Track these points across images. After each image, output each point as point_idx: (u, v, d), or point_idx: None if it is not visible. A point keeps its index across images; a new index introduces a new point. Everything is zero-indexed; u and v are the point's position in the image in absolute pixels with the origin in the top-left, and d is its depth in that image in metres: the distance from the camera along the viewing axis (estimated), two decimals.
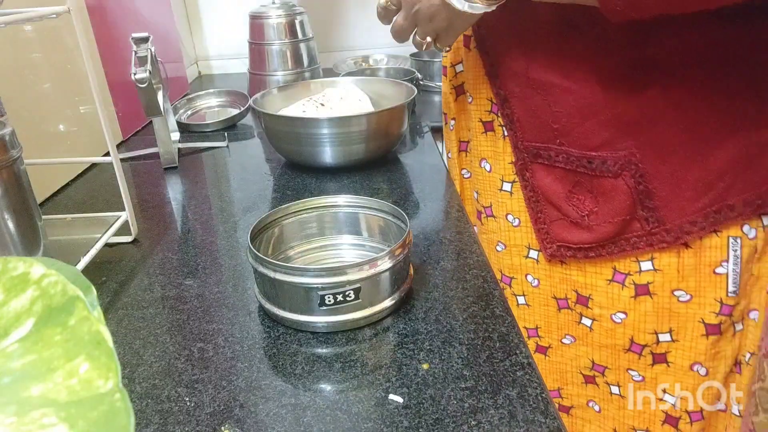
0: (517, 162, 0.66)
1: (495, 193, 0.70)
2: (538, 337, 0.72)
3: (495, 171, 0.70)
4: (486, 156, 0.71)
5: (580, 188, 0.61)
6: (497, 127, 0.68)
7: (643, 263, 0.60)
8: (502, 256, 0.71)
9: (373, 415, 0.41)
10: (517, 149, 0.65)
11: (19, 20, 0.56)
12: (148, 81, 0.86)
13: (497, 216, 0.71)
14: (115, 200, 0.71)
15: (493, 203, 0.71)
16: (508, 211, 0.69)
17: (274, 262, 0.50)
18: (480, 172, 0.73)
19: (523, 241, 0.68)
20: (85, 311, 0.23)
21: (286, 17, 1.21)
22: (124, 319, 0.55)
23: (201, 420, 0.42)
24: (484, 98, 0.69)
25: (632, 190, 0.57)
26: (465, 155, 0.79)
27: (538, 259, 0.67)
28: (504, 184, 0.69)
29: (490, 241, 0.73)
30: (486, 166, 0.72)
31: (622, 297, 0.62)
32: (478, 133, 0.72)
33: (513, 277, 0.71)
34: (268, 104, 0.96)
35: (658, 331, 0.61)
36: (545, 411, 0.41)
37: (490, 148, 0.70)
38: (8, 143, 0.54)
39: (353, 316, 0.50)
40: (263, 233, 0.59)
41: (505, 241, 0.70)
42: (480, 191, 0.74)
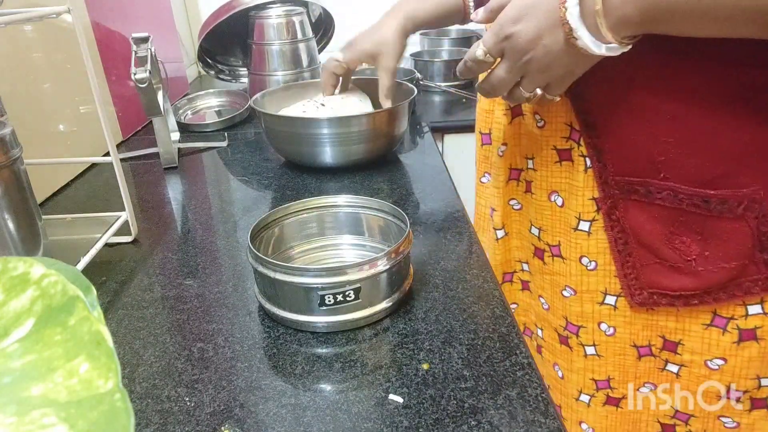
0: (603, 198, 0.57)
1: (567, 232, 0.62)
2: (609, 389, 0.65)
3: (569, 207, 0.61)
4: (558, 189, 0.62)
5: (684, 229, 0.53)
6: (577, 157, 0.59)
7: (750, 307, 0.54)
8: (570, 302, 0.64)
9: (373, 415, 0.41)
10: (605, 184, 0.57)
11: (19, 20, 0.56)
12: (148, 81, 0.86)
13: (567, 258, 0.63)
14: (115, 200, 0.71)
15: (562, 241, 0.63)
16: (583, 254, 0.61)
17: (274, 262, 0.50)
18: (547, 207, 0.64)
19: (598, 286, 0.61)
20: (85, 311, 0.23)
21: (286, 17, 1.21)
22: (124, 319, 0.55)
23: (201, 420, 0.42)
24: (561, 123, 0.59)
25: (754, 232, 0.51)
26: (516, 185, 0.69)
27: (616, 305, 0.60)
28: (581, 223, 0.60)
29: (555, 283, 0.65)
30: (557, 200, 0.62)
31: (722, 342, 0.56)
32: (548, 162, 0.62)
33: (582, 325, 0.63)
34: (268, 104, 0.96)
35: (761, 376, 0.56)
36: (545, 411, 0.41)
37: (565, 180, 0.61)
38: (8, 143, 0.54)
39: (353, 316, 0.50)
40: (263, 233, 0.59)
41: (575, 286, 0.62)
42: (545, 227, 0.65)
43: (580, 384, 0.66)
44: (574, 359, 0.66)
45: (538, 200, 0.65)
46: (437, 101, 1.33)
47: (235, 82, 1.44)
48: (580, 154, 0.58)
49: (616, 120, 0.55)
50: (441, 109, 1.28)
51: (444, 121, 1.21)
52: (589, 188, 0.58)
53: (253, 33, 1.23)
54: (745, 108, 0.49)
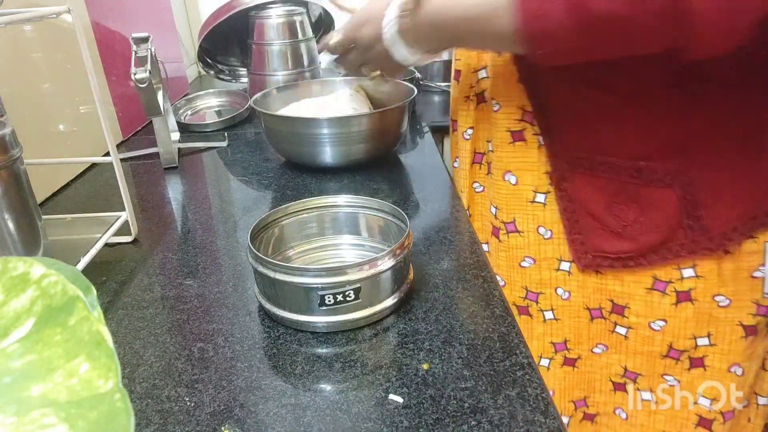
0: (553, 172, 0.64)
1: (523, 206, 0.68)
2: (566, 350, 0.70)
3: (524, 183, 0.67)
4: (512, 168, 0.68)
5: (622, 198, 0.60)
6: (531, 136, 0.66)
7: (684, 270, 0.60)
8: (530, 271, 0.69)
9: (373, 415, 0.41)
10: (555, 158, 0.64)
11: (19, 20, 0.56)
12: (148, 81, 0.86)
13: (524, 230, 0.68)
14: (115, 200, 0.71)
15: (518, 217, 0.69)
16: (540, 224, 0.67)
17: (274, 262, 0.50)
18: (502, 186, 0.69)
19: (554, 253, 0.67)
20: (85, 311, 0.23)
21: (286, 17, 1.21)
22: (124, 319, 0.55)
23: (201, 420, 0.42)
24: (515, 106, 0.66)
25: (680, 200, 0.57)
26: (479, 167, 0.76)
27: (570, 270, 0.66)
28: (537, 196, 0.66)
29: (512, 257, 0.71)
30: (511, 178, 0.68)
31: (663, 305, 0.62)
32: (503, 143, 0.68)
33: (541, 292, 0.69)
34: (268, 104, 0.96)
35: (696, 336, 0.61)
36: (545, 411, 0.41)
37: (518, 159, 0.67)
38: (8, 143, 0.54)
39: (353, 316, 0.50)
40: (263, 233, 0.59)
41: (534, 255, 0.68)
42: (500, 206, 0.70)
43: (540, 349, 0.72)
44: (534, 326, 0.71)
45: (494, 180, 0.71)
46: (437, 101, 1.33)
47: (235, 82, 1.44)
48: (534, 132, 0.65)
49: (563, 103, 0.62)
50: (441, 109, 1.28)
51: (444, 121, 1.20)
52: (542, 163, 0.65)
53: (253, 33, 1.23)
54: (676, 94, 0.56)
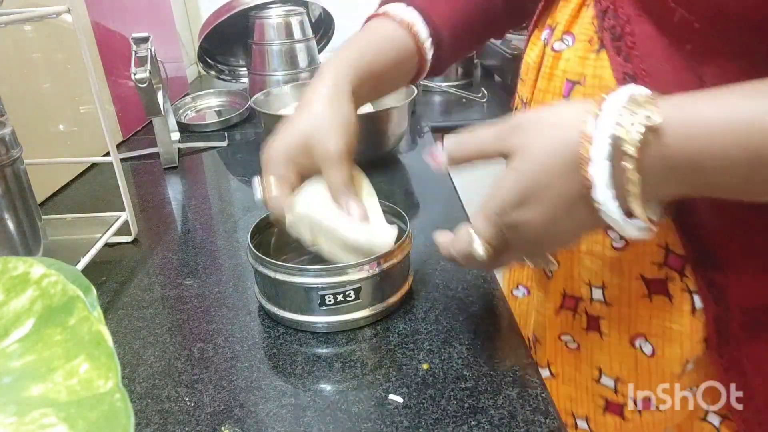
0: (717, 345, 0.45)
1: (665, 380, 0.49)
2: None
3: (664, 356, 0.47)
4: (647, 332, 0.48)
5: None
6: (679, 292, 0.45)
7: None
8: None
9: (373, 415, 0.41)
10: (723, 329, 0.44)
11: (19, 20, 0.56)
12: (148, 81, 0.86)
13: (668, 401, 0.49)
14: (115, 200, 0.71)
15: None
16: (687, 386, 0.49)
17: (274, 262, 0.50)
18: (631, 354, 0.49)
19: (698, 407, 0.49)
20: (85, 311, 0.23)
21: (286, 17, 1.21)
22: (124, 319, 0.55)
23: (201, 420, 0.42)
24: (653, 243, 0.45)
25: None
26: (572, 316, 0.53)
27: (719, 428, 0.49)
28: (688, 365, 0.47)
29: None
30: (645, 347, 0.48)
31: None
32: (632, 296, 0.47)
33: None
34: (268, 104, 0.96)
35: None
36: (545, 411, 0.41)
37: (656, 321, 0.47)
38: (8, 143, 0.54)
39: (353, 316, 0.50)
40: (263, 233, 0.59)
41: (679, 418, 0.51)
42: (627, 378, 0.50)
43: None
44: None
45: (612, 344, 0.50)
46: (437, 101, 1.33)
47: (235, 82, 1.43)
48: (684, 288, 0.45)
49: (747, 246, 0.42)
50: (441, 109, 1.28)
51: (444, 121, 1.21)
52: (697, 332, 0.45)
53: (253, 33, 1.23)
54: None
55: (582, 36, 0.46)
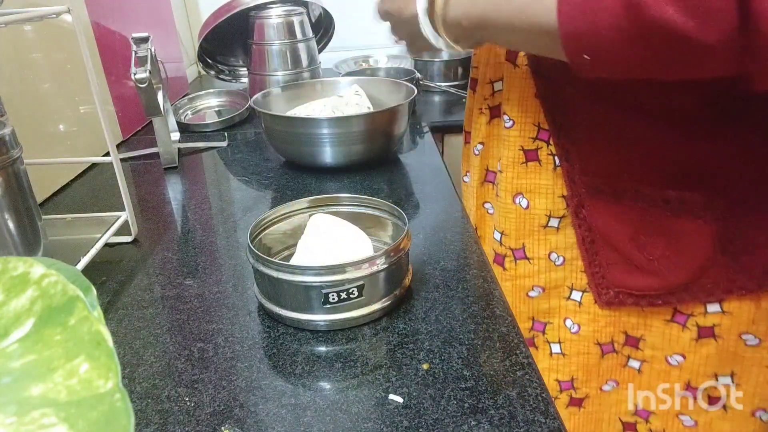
0: (571, 197, 0.58)
1: (534, 231, 0.62)
2: (573, 389, 0.65)
3: (536, 207, 0.62)
4: (523, 190, 0.62)
5: (648, 229, 0.54)
6: (545, 156, 0.60)
7: (709, 305, 0.55)
8: (538, 301, 0.64)
9: (373, 415, 0.41)
10: (573, 183, 0.58)
11: (19, 20, 0.56)
12: (148, 81, 0.86)
13: (533, 257, 0.63)
14: (115, 200, 0.71)
15: (527, 243, 0.63)
16: (552, 249, 0.62)
17: (275, 261, 0.50)
18: (512, 209, 0.63)
19: (565, 281, 0.62)
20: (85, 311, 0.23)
21: (286, 17, 1.21)
22: (124, 319, 0.55)
23: (201, 420, 0.42)
24: (530, 123, 0.60)
25: (714, 234, 0.52)
26: (491, 187, 0.69)
27: (581, 301, 0.61)
28: (551, 220, 0.61)
29: (519, 287, 0.65)
30: (522, 201, 0.62)
31: (682, 339, 0.57)
32: (515, 162, 0.62)
33: (548, 322, 0.64)
34: (268, 104, 0.96)
35: (718, 374, 0.57)
36: (545, 411, 0.41)
37: (530, 180, 0.61)
38: (8, 143, 0.54)
39: (353, 314, 0.50)
40: (263, 232, 0.59)
41: (544, 283, 0.63)
42: (508, 231, 0.65)
43: None
44: (539, 359, 0.66)
45: (503, 203, 0.65)
46: (437, 101, 1.33)
47: (235, 82, 1.44)
48: (549, 152, 0.60)
49: (584, 122, 0.56)
50: (441, 109, 1.28)
51: (444, 121, 1.21)
52: (558, 186, 0.60)
53: (253, 33, 1.23)
54: (708, 115, 0.51)
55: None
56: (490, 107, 0.67)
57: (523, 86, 0.60)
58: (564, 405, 0.66)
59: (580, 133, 0.57)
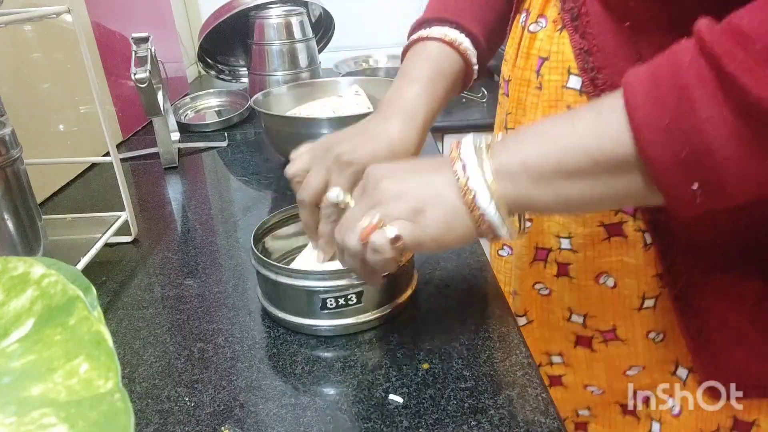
0: (671, 281, 0.50)
1: (624, 314, 0.55)
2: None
3: (624, 287, 0.53)
4: (608, 269, 0.54)
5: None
6: (632, 232, 0.51)
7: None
8: (639, 377, 0.57)
9: (373, 415, 0.41)
10: (672, 264, 0.50)
11: (19, 20, 0.56)
12: (148, 81, 0.86)
13: (629, 338, 0.55)
14: (115, 200, 0.71)
15: (619, 325, 0.56)
16: (650, 329, 0.54)
17: (276, 265, 0.50)
18: (596, 290, 0.55)
19: (668, 356, 0.55)
20: (85, 311, 0.23)
21: (286, 17, 1.21)
22: (124, 319, 0.55)
23: (201, 420, 0.42)
24: None
25: None
26: (543, 267, 0.58)
27: (686, 381, 0.54)
28: (646, 302, 0.53)
29: (612, 367, 0.58)
30: (608, 281, 0.54)
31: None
32: (594, 241, 0.53)
33: (652, 394, 0.57)
34: (268, 104, 0.96)
35: None
36: (545, 411, 0.41)
37: (615, 258, 0.53)
38: (8, 143, 0.54)
39: (355, 320, 0.50)
40: (266, 235, 0.58)
41: (645, 362, 0.56)
42: (595, 313, 0.57)
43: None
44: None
45: (581, 285, 0.56)
46: None
47: (235, 82, 1.44)
48: (636, 228, 0.51)
49: None
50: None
51: (444, 121, 1.20)
52: (651, 265, 0.51)
53: (253, 33, 1.23)
54: None
55: (551, 17, 0.51)
56: None
57: None
58: None
59: None
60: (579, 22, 0.47)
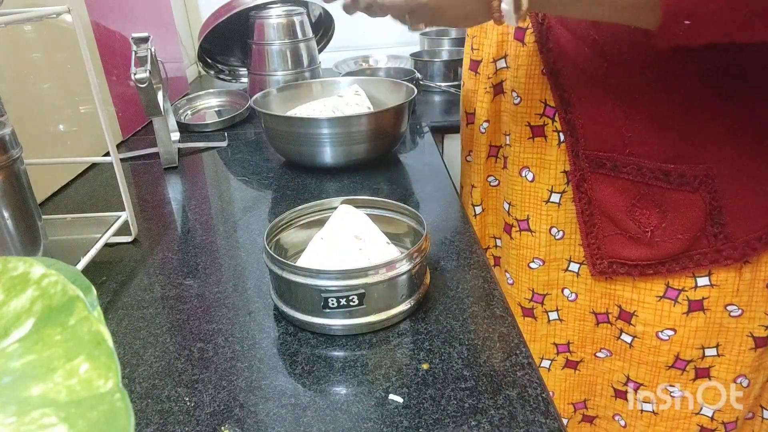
0: (573, 171, 0.61)
1: (537, 205, 0.65)
2: (569, 353, 0.69)
3: (540, 181, 0.64)
4: (529, 164, 0.65)
5: (645, 202, 0.57)
6: (550, 132, 0.62)
7: (699, 279, 0.58)
8: (538, 273, 0.68)
9: (373, 415, 0.41)
10: (576, 157, 0.60)
11: (19, 20, 0.56)
12: (148, 81, 0.86)
13: (536, 230, 0.66)
14: (115, 200, 0.71)
15: (532, 216, 0.66)
16: (553, 224, 0.65)
17: (284, 261, 0.50)
18: (518, 182, 0.66)
19: (564, 254, 0.65)
20: (85, 311, 0.23)
21: (286, 17, 1.21)
22: (124, 319, 0.55)
23: (201, 420, 0.42)
24: (537, 100, 0.62)
25: (707, 206, 0.55)
26: (495, 161, 0.73)
27: (579, 272, 0.65)
28: (552, 195, 0.64)
29: (521, 257, 0.69)
30: (528, 175, 0.65)
31: (673, 314, 0.59)
32: (522, 138, 0.65)
33: (547, 293, 0.68)
34: (268, 104, 0.96)
35: (705, 346, 0.60)
36: (545, 411, 0.41)
37: (536, 155, 0.64)
38: (8, 143, 0.54)
39: (357, 321, 0.50)
40: (279, 233, 0.58)
41: (544, 256, 0.67)
42: (515, 202, 0.68)
43: (542, 350, 0.71)
44: (537, 328, 0.70)
45: (510, 175, 0.68)
46: (437, 101, 1.33)
47: (235, 82, 1.44)
48: (554, 129, 0.62)
49: (590, 96, 0.58)
50: (441, 109, 1.28)
51: (444, 121, 1.20)
52: (561, 162, 0.62)
53: (253, 33, 1.23)
54: (709, 94, 0.52)
55: None
56: (493, 85, 0.70)
57: (530, 63, 0.62)
58: (560, 366, 0.70)
59: (585, 109, 0.58)
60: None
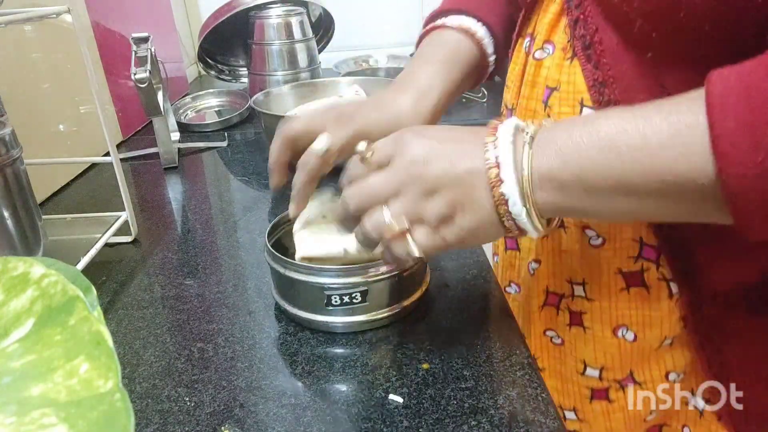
0: (694, 327, 0.47)
1: (644, 359, 0.51)
2: None
3: (647, 338, 0.49)
4: (628, 322, 0.49)
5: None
6: (656, 281, 0.47)
7: None
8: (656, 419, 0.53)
9: (373, 415, 0.41)
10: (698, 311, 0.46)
11: (19, 20, 0.56)
12: (148, 81, 0.86)
13: (644, 381, 0.52)
14: (115, 200, 0.71)
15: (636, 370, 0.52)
16: (669, 370, 0.51)
17: (284, 259, 0.50)
18: (614, 344, 0.51)
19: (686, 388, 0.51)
20: (85, 311, 0.23)
21: (286, 17, 1.21)
22: (124, 319, 0.55)
23: (201, 420, 0.42)
24: (628, 239, 0.47)
25: None
26: (555, 313, 0.54)
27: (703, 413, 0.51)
28: (665, 340, 0.50)
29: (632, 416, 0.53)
30: (627, 335, 0.50)
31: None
32: (612, 290, 0.49)
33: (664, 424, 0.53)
34: (268, 104, 0.96)
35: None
36: (545, 411, 0.41)
37: (635, 311, 0.49)
38: (8, 143, 0.54)
39: (359, 318, 0.50)
40: (281, 231, 0.58)
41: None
42: (612, 366, 0.52)
43: None
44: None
45: (597, 336, 0.51)
46: None
47: (235, 82, 1.44)
48: (660, 277, 0.47)
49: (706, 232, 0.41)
50: None
51: (444, 121, 1.20)
52: (674, 313, 0.48)
53: (253, 33, 1.23)
54: None
55: (559, 44, 0.48)
56: None
57: None
58: None
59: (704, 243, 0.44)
60: (592, 51, 0.43)
